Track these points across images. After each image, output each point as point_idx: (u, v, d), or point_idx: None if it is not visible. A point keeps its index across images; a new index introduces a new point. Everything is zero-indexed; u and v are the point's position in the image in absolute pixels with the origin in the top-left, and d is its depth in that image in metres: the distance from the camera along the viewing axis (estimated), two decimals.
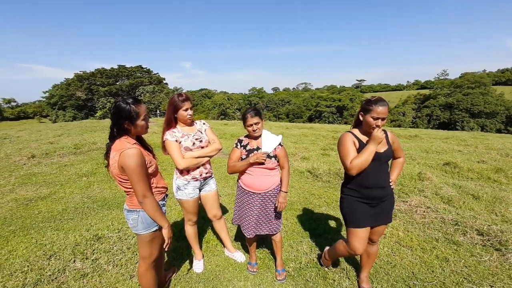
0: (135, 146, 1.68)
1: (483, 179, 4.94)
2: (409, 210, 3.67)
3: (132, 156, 1.61)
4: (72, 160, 6.78)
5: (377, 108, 1.80)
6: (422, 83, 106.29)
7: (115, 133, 1.70)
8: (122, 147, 1.65)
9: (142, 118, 1.74)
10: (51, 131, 12.11)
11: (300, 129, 13.96)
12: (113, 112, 1.69)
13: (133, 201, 1.76)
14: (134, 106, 1.69)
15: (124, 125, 1.69)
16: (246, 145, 2.28)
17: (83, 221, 3.49)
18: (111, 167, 1.69)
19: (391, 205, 2.05)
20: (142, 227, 1.79)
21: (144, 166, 1.67)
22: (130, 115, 1.68)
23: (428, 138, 10.32)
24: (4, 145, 8.67)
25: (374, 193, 1.94)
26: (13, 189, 4.74)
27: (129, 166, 1.60)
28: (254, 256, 2.58)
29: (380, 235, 2.14)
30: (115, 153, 1.65)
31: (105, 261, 2.65)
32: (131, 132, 1.74)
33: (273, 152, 2.21)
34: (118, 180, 1.73)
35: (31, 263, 2.61)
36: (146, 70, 51.28)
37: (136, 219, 1.78)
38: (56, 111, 46.10)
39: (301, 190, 4.56)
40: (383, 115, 1.80)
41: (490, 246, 2.79)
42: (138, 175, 1.63)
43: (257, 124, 2.16)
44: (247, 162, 2.17)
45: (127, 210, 1.81)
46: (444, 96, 41.19)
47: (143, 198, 1.66)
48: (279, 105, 60.28)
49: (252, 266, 2.55)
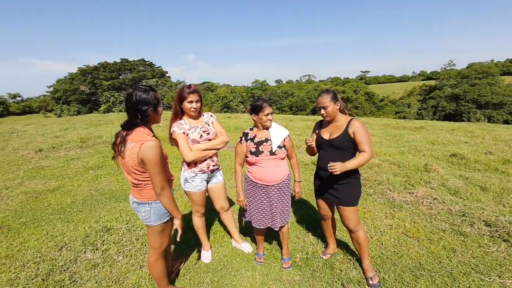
0: (154, 138, 1.68)
1: (491, 171, 4.89)
2: (415, 202, 3.65)
3: (154, 148, 1.62)
4: (78, 153, 6.85)
5: (317, 100, 2.14)
6: (428, 74, 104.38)
7: (138, 121, 1.68)
8: (142, 138, 1.63)
9: (160, 104, 1.77)
10: (56, 125, 12.21)
11: (304, 121, 13.87)
12: (135, 99, 1.66)
13: (143, 194, 1.77)
14: (155, 93, 1.72)
15: (149, 111, 1.69)
16: (253, 138, 2.27)
17: (92, 213, 3.55)
18: (127, 158, 1.66)
19: (347, 190, 2.17)
20: (155, 218, 1.82)
21: (163, 159, 1.70)
22: (154, 101, 1.70)
23: (434, 129, 10.19)
24: (11, 140, 8.78)
25: (323, 174, 2.25)
26: (22, 182, 4.82)
27: (151, 159, 1.60)
28: (262, 247, 2.62)
29: (348, 221, 2.21)
30: (134, 144, 1.63)
31: (115, 251, 2.70)
32: (152, 120, 1.75)
33: (282, 142, 2.25)
34: (131, 172, 1.70)
35: (43, 254, 2.67)
36: (148, 63, 51.08)
37: (148, 211, 1.79)
38: (61, 106, 46.35)
39: (307, 182, 4.56)
40: (322, 104, 2.10)
41: (498, 237, 2.78)
42: (159, 167, 1.64)
43: (272, 114, 2.21)
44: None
45: (136, 203, 1.81)
46: (450, 87, 40.45)
47: (162, 190, 1.68)
48: (282, 97, 59.83)
49: (259, 257, 2.58)
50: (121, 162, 1.74)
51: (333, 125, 2.18)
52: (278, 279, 2.33)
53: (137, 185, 1.77)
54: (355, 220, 2.21)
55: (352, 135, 2.06)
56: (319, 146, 2.27)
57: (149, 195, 1.77)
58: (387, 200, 3.77)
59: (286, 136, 2.29)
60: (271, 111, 2.20)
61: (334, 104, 2.10)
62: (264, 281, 2.31)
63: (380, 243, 2.77)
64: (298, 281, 2.30)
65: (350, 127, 2.08)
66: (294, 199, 2.47)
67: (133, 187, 1.81)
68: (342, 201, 2.20)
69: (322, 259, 2.55)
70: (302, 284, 2.27)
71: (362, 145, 2.04)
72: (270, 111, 2.18)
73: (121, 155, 1.70)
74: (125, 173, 1.78)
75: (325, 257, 2.55)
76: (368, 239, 2.35)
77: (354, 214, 2.19)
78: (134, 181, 1.75)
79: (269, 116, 2.18)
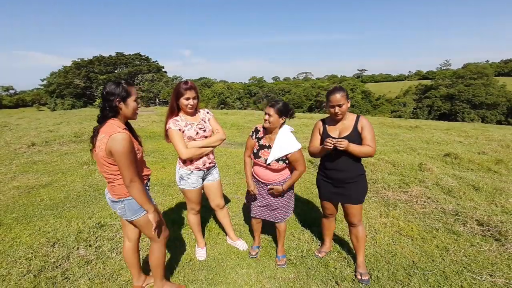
0: (125, 131, 1.67)
1: (484, 170, 4.95)
2: (409, 200, 3.69)
3: (122, 140, 1.60)
4: (72, 148, 6.76)
5: (331, 97, 2.05)
6: (424, 74, 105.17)
7: (107, 113, 1.70)
8: (111, 130, 1.64)
9: (133, 98, 1.75)
10: (50, 119, 12.03)
11: (300, 119, 13.87)
12: (105, 91, 1.69)
13: (115, 190, 1.77)
14: (126, 85, 1.71)
15: (115, 102, 1.68)
16: (260, 138, 2.26)
17: (86, 209, 3.51)
18: (98, 149, 1.67)
19: (355, 188, 2.18)
20: (130, 214, 1.83)
21: (133, 152, 1.68)
22: (121, 93, 1.69)
23: (429, 129, 10.28)
24: (4, 133, 8.62)
25: (332, 174, 2.22)
26: (15, 177, 4.74)
27: (118, 150, 1.60)
28: (258, 240, 2.66)
29: (353, 217, 2.24)
30: (103, 136, 1.64)
31: (108, 248, 2.68)
32: (121, 112, 1.74)
33: (284, 156, 2.13)
34: (102, 164, 1.71)
35: (35, 250, 2.63)
36: (144, 57, 50.51)
37: (123, 208, 1.80)
38: (55, 99, 45.68)
39: (302, 180, 4.56)
40: (337, 102, 2.01)
41: (490, 236, 2.82)
42: (126, 159, 1.63)
43: (269, 116, 2.09)
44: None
45: (111, 200, 1.82)
46: (445, 87, 40.78)
47: (130, 183, 1.67)
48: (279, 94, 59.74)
49: (253, 249, 2.62)
50: (94, 154, 1.75)
51: (342, 123, 2.15)
52: (272, 276, 2.34)
53: (108, 180, 1.77)
54: (360, 215, 2.25)
55: (360, 130, 2.08)
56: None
57: (120, 191, 1.76)
58: (381, 199, 3.79)
59: (293, 151, 2.12)
60: (270, 113, 2.08)
61: (347, 102, 2.06)
62: (258, 279, 2.31)
63: (374, 241, 2.79)
64: (293, 279, 2.31)
65: (359, 124, 2.10)
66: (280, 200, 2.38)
67: (107, 182, 1.81)
68: (350, 200, 2.21)
69: (317, 257, 2.56)
70: (297, 282, 2.27)
71: (367, 141, 2.06)
72: (268, 112, 2.10)
73: (94, 147, 1.71)
74: (98, 167, 1.78)
75: (320, 255, 2.56)
76: (365, 235, 2.38)
77: (359, 210, 2.23)
78: (105, 174, 1.74)
79: (266, 116, 2.11)
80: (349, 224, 2.34)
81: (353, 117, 2.15)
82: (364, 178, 2.23)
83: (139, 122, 10.47)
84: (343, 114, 2.10)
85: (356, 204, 2.21)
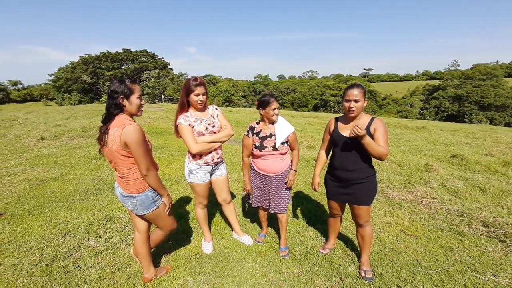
0: (135, 122, 1.76)
1: (491, 172, 4.92)
2: (414, 200, 3.69)
3: (136, 130, 1.69)
4: (80, 143, 6.87)
5: (348, 92, 2.03)
6: (432, 74, 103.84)
7: (113, 110, 1.77)
8: (123, 123, 1.72)
9: (136, 96, 1.82)
10: (58, 114, 12.21)
11: (305, 118, 13.86)
12: (109, 89, 1.78)
13: (129, 186, 1.84)
14: (129, 84, 1.79)
15: (119, 99, 1.76)
16: (259, 132, 2.37)
17: (95, 202, 3.59)
18: (111, 144, 1.73)
19: (364, 189, 2.15)
20: (142, 209, 1.91)
21: (146, 142, 1.78)
22: (124, 90, 1.77)
23: (436, 130, 10.20)
24: (13, 127, 8.79)
25: (340, 174, 2.20)
26: (25, 169, 4.85)
27: (133, 140, 1.68)
28: (265, 228, 2.82)
29: (361, 218, 2.24)
30: (116, 129, 1.71)
31: (117, 240, 2.75)
32: (125, 109, 1.81)
33: (286, 138, 2.31)
34: (116, 159, 1.77)
35: (46, 240, 2.71)
36: (151, 54, 50.72)
37: (134, 203, 1.88)
38: (62, 94, 46.20)
39: (307, 178, 4.59)
40: (353, 96, 1.99)
41: (495, 237, 2.82)
42: (141, 148, 1.71)
43: (278, 109, 2.28)
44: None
45: (123, 195, 1.89)
46: (453, 88, 40.20)
47: (147, 171, 1.77)
48: (284, 93, 59.56)
49: (260, 236, 2.77)
50: (105, 152, 1.82)
51: (354, 122, 2.10)
52: (277, 271, 2.38)
53: (122, 175, 1.83)
54: (367, 216, 2.24)
55: (373, 132, 2.03)
56: (336, 144, 2.20)
57: (134, 187, 1.84)
58: (386, 198, 3.80)
59: (291, 132, 2.34)
60: (278, 106, 2.26)
61: (364, 101, 2.03)
62: (264, 273, 2.35)
63: (378, 240, 2.81)
64: (297, 273, 2.35)
65: (372, 125, 2.05)
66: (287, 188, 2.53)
67: (119, 177, 1.87)
68: (359, 201, 2.18)
69: (321, 253, 2.59)
70: (301, 276, 2.31)
71: (380, 143, 2.00)
72: (277, 106, 2.25)
73: (104, 145, 1.79)
74: (111, 164, 1.85)
75: (324, 251, 2.60)
76: (372, 236, 2.37)
77: (367, 212, 2.22)
78: (120, 169, 1.81)
79: (276, 110, 2.25)
80: (356, 224, 2.34)
81: (367, 117, 2.10)
82: (374, 179, 2.18)
83: (145, 119, 10.58)
84: (357, 111, 2.03)
85: (364, 206, 2.19)
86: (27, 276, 2.23)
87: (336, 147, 2.22)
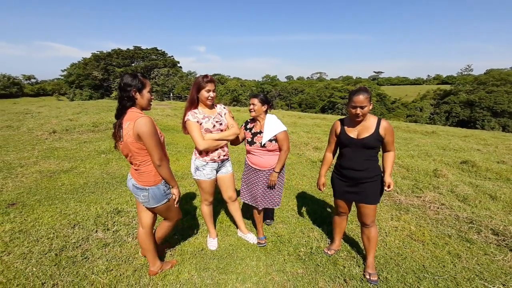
0: (147, 116, 1.81)
1: (502, 180, 4.80)
2: (422, 206, 3.64)
3: (147, 122, 1.75)
4: (91, 137, 7.01)
5: (354, 98, 2.02)
6: (444, 78, 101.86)
7: (125, 103, 1.83)
8: (135, 116, 1.78)
9: (147, 90, 1.89)
10: (70, 109, 12.47)
11: (313, 119, 13.80)
12: (122, 82, 1.82)
13: (143, 178, 1.89)
14: (141, 77, 1.86)
15: (132, 92, 1.81)
16: (251, 128, 2.53)
17: (104, 195, 3.66)
18: (125, 137, 1.79)
19: (372, 188, 2.19)
20: (154, 202, 1.96)
21: (157, 133, 1.83)
22: (137, 84, 1.82)
23: (446, 135, 10.01)
24: (26, 120, 9.02)
25: (348, 173, 2.23)
26: (37, 161, 4.97)
27: (146, 132, 1.74)
28: (261, 231, 2.81)
29: (367, 217, 2.25)
30: (129, 123, 1.77)
31: (125, 233, 2.80)
32: (137, 102, 1.87)
33: (273, 136, 2.42)
34: (132, 151, 1.83)
35: (56, 231, 2.78)
36: (161, 52, 51.33)
37: (146, 195, 1.93)
38: (74, 90, 47.18)
39: (313, 179, 4.58)
40: (360, 103, 1.99)
41: (505, 246, 2.76)
42: (153, 139, 1.77)
43: (254, 105, 2.42)
44: None
45: (136, 187, 1.94)
46: (465, 93, 39.34)
47: (161, 162, 1.83)
48: (292, 94, 59.43)
49: (261, 239, 2.76)
50: (120, 146, 1.87)
51: (362, 124, 2.13)
52: (281, 270, 2.38)
53: (137, 167, 1.89)
54: (373, 216, 2.25)
55: (384, 135, 2.09)
56: (343, 145, 2.23)
57: (148, 179, 1.89)
58: (393, 202, 3.76)
59: (280, 132, 2.42)
60: (252, 103, 2.42)
61: (370, 105, 2.05)
62: (268, 271, 2.36)
63: (384, 244, 2.78)
64: (301, 274, 2.34)
65: (381, 127, 2.08)
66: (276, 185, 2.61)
67: (133, 169, 1.94)
68: (367, 200, 2.21)
69: (326, 254, 2.58)
70: (305, 277, 2.31)
71: (389, 146, 2.16)
72: (252, 102, 2.42)
73: (120, 140, 1.84)
74: (127, 158, 1.91)
75: (329, 252, 2.59)
76: (377, 237, 2.38)
77: (374, 211, 2.24)
78: (135, 161, 1.87)
79: (251, 106, 2.44)
80: (362, 225, 2.34)
81: (374, 119, 2.12)
82: (381, 178, 2.21)
83: (154, 116, 10.71)
84: (363, 116, 2.07)
85: (371, 205, 2.21)
86: (36, 265, 2.29)
87: (343, 148, 2.26)
